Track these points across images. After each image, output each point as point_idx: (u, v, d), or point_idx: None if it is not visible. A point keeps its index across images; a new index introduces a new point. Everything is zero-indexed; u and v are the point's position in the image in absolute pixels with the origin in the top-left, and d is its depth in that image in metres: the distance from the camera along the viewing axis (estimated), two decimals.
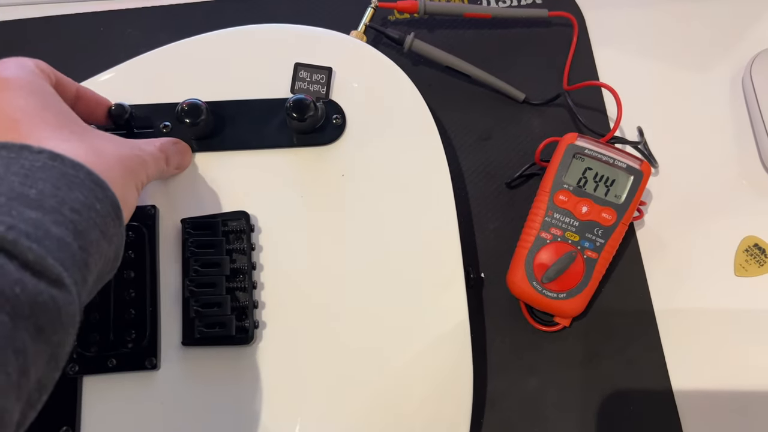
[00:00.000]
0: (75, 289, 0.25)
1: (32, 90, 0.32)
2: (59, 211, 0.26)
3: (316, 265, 0.40)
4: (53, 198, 0.26)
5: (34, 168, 0.26)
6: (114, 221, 0.29)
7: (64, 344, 0.25)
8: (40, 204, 0.25)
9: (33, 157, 0.27)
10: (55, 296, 0.24)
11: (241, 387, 0.38)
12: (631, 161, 0.45)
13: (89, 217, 0.27)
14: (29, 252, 0.23)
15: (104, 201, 0.29)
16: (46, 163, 0.27)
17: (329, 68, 0.42)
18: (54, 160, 0.27)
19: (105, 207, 0.28)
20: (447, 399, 0.39)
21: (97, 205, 0.28)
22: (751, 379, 0.45)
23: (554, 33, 0.55)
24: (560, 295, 0.43)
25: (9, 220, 0.24)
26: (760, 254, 0.48)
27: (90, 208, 0.27)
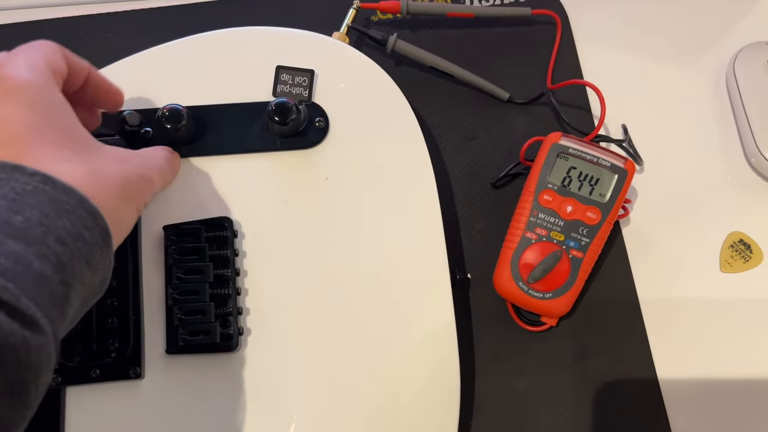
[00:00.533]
0: (50, 328, 0.25)
1: (38, 101, 0.30)
2: (44, 242, 0.25)
3: (300, 269, 0.40)
4: (39, 227, 0.25)
5: (25, 192, 0.26)
6: (102, 249, 0.28)
7: (33, 383, 0.24)
8: (24, 234, 0.25)
9: (25, 180, 0.26)
10: (27, 338, 0.23)
11: (227, 395, 0.38)
12: (615, 160, 0.44)
13: (75, 248, 0.26)
14: (4, 291, 0.23)
15: (93, 230, 0.28)
16: (37, 186, 0.26)
17: (311, 71, 0.42)
18: (46, 184, 0.27)
19: (94, 236, 0.28)
20: (434, 402, 0.39)
21: (85, 234, 0.27)
22: (737, 372, 0.46)
23: (538, 31, 0.55)
24: (546, 295, 0.43)
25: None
26: (745, 250, 0.48)
27: (77, 238, 0.27)
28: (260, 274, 0.40)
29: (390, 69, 0.50)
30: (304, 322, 0.39)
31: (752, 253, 0.48)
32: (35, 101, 0.30)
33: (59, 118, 0.31)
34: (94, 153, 0.31)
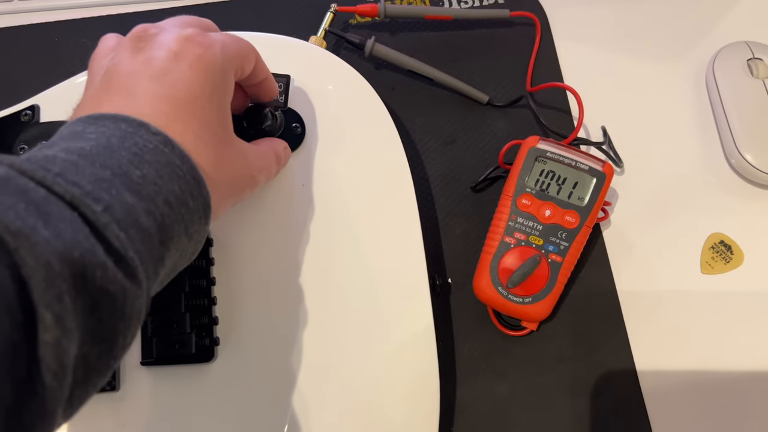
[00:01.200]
0: (146, 284, 0.26)
1: (214, 80, 0.31)
2: (153, 201, 0.26)
3: (276, 277, 0.40)
4: (153, 185, 0.27)
5: (146, 149, 0.27)
6: (200, 220, 0.29)
7: (122, 334, 0.25)
8: (139, 189, 0.26)
9: (148, 137, 0.27)
10: (127, 288, 0.24)
11: (205, 405, 0.38)
12: (594, 163, 0.44)
13: (178, 212, 0.28)
14: (116, 240, 0.24)
15: (198, 199, 0.29)
16: (157, 146, 0.28)
17: (287, 76, 0.41)
18: (166, 146, 0.28)
19: (197, 205, 0.29)
20: (415, 407, 0.39)
21: (189, 202, 0.28)
22: (719, 374, 0.46)
23: (517, 33, 0.54)
24: (526, 300, 0.43)
25: (107, 198, 0.25)
26: (726, 251, 0.48)
27: (182, 204, 0.28)
28: (236, 282, 0.39)
29: (368, 73, 0.50)
30: (282, 330, 0.39)
31: (733, 255, 0.48)
32: (211, 79, 0.31)
33: (220, 101, 0.32)
34: (226, 145, 0.32)
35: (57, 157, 0.25)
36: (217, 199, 0.31)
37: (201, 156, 0.30)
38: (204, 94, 0.31)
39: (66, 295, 0.22)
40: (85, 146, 0.26)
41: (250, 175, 0.35)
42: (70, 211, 0.24)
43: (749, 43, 0.52)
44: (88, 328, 0.23)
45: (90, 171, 0.25)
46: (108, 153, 0.26)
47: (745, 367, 0.46)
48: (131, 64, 0.30)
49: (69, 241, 0.23)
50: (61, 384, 0.22)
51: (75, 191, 0.24)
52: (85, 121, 0.28)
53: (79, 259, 0.23)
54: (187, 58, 0.31)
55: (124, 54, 0.31)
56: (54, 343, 0.21)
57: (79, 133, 0.27)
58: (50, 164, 0.25)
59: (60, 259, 0.22)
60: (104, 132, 0.27)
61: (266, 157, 0.37)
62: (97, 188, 0.25)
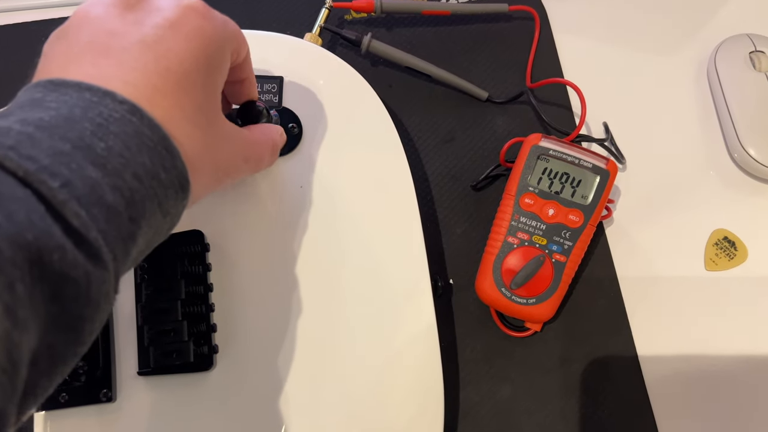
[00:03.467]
0: (113, 265, 0.24)
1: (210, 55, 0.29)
2: (121, 175, 0.24)
3: (275, 282, 0.39)
4: (119, 158, 0.24)
5: (112, 119, 0.25)
6: (177, 194, 0.27)
7: (89, 320, 0.23)
8: (104, 163, 0.24)
9: (114, 106, 0.25)
10: (90, 272, 0.23)
11: (204, 415, 0.37)
12: (597, 161, 0.43)
13: (150, 187, 0.25)
14: (76, 219, 0.22)
15: (171, 171, 0.27)
16: (124, 116, 0.25)
17: (280, 77, 0.41)
18: (133, 115, 0.26)
19: (170, 178, 0.26)
20: (419, 410, 0.38)
21: (161, 175, 0.26)
22: (728, 374, 0.45)
23: (516, 28, 0.53)
24: (530, 301, 0.42)
25: (66, 173, 0.22)
26: (729, 247, 0.48)
27: (153, 177, 0.26)
28: (234, 288, 0.39)
29: (365, 70, 0.49)
30: (282, 336, 0.38)
31: (737, 251, 0.48)
32: (209, 55, 0.29)
33: (214, 81, 0.30)
34: (214, 127, 0.30)
35: (11, 129, 0.23)
36: (199, 180, 0.29)
37: (186, 135, 0.28)
38: (198, 69, 0.28)
39: (19, 283, 0.20)
40: (43, 116, 0.24)
41: (237, 162, 0.33)
42: (23, 189, 0.22)
43: (751, 35, 0.52)
44: (50, 316, 0.22)
45: (48, 144, 0.23)
46: (69, 124, 0.24)
47: (753, 366, 0.45)
48: (119, 23, 0.28)
49: (21, 223, 0.21)
50: (12, 380, 0.20)
51: (29, 166, 0.22)
52: (45, 87, 0.25)
53: (34, 242, 0.21)
54: (185, 29, 0.28)
55: (111, 9, 0.28)
56: (3, 336, 0.20)
57: (38, 101, 0.25)
58: (3, 137, 0.23)
59: (11, 243, 0.20)
60: (66, 101, 0.25)
61: (258, 145, 0.35)
62: (55, 162, 0.22)
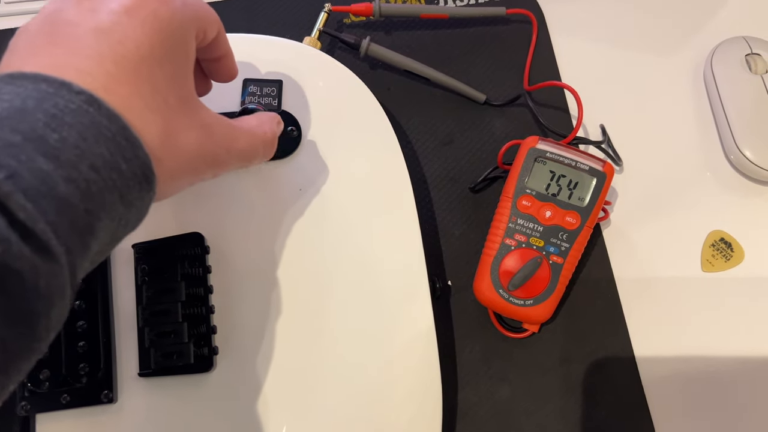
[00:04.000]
0: (65, 258, 0.23)
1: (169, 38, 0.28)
2: (76, 167, 0.24)
3: (276, 283, 0.39)
4: (74, 150, 0.24)
5: (67, 110, 0.24)
6: (141, 185, 0.26)
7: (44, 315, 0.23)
8: (57, 154, 0.23)
9: (69, 97, 0.25)
10: (37, 265, 0.22)
11: (204, 416, 0.37)
12: (594, 163, 0.44)
13: (109, 178, 0.25)
14: (21, 211, 0.21)
15: (132, 162, 0.26)
16: (81, 106, 0.25)
17: (279, 81, 0.41)
18: (90, 105, 0.25)
19: (132, 168, 0.26)
20: (417, 411, 0.39)
21: (122, 166, 0.25)
22: (725, 375, 0.45)
23: (513, 31, 0.54)
24: (527, 302, 0.43)
25: (14, 165, 0.22)
26: (726, 248, 0.48)
27: (112, 168, 0.25)
28: (234, 290, 0.39)
29: (364, 73, 0.50)
30: (281, 337, 0.38)
31: (733, 252, 0.48)
32: (166, 38, 0.28)
33: (175, 65, 0.29)
34: (181, 115, 0.29)
35: None
36: (166, 171, 0.28)
37: (147, 124, 0.27)
38: (154, 55, 0.28)
39: None
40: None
41: (218, 152, 0.31)
42: None
43: (747, 38, 0.52)
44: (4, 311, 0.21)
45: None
46: (21, 116, 0.23)
47: (749, 366, 0.45)
48: (74, 12, 0.27)
49: None
50: None
51: None
52: (2, 80, 0.25)
53: None
54: (141, 14, 0.28)
55: (69, 1, 0.28)
56: None
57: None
58: None
59: None
60: (20, 93, 0.24)
61: (247, 136, 0.34)
62: (2, 154, 0.22)
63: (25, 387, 0.36)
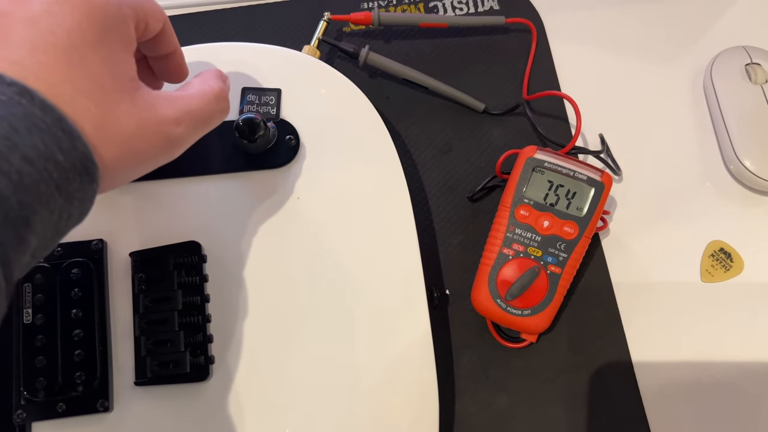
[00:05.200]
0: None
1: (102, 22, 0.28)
2: (6, 158, 0.23)
3: (273, 292, 0.39)
4: (5, 141, 0.23)
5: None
6: (81, 177, 0.26)
7: None
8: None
9: (1, 89, 0.24)
10: None
11: (200, 425, 0.37)
12: (592, 173, 0.44)
13: (44, 170, 0.24)
14: None
15: (70, 153, 0.25)
16: (12, 98, 0.24)
17: (278, 90, 0.41)
18: (23, 96, 0.24)
19: (70, 160, 0.25)
20: (414, 421, 0.38)
21: (59, 157, 0.25)
22: (724, 387, 0.45)
23: (513, 40, 0.54)
24: (525, 312, 0.43)
25: None
26: (725, 259, 0.48)
27: (47, 159, 0.24)
28: (231, 299, 0.39)
29: (363, 82, 0.50)
30: (278, 346, 0.38)
31: (733, 262, 0.48)
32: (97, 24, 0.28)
33: (110, 50, 0.29)
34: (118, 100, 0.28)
35: None
36: (109, 160, 0.27)
37: (81, 110, 0.26)
38: (86, 41, 0.27)
39: None
40: None
41: (169, 128, 0.30)
42: None
43: (747, 47, 0.52)
44: None
45: None
46: None
47: (748, 376, 0.45)
48: (8, 3, 0.27)
49: None
50: None
51: None
52: None
53: None
54: (72, 1, 0.27)
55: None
56: None
57: None
58: None
59: None
60: None
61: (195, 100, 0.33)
62: None
63: (21, 395, 0.36)
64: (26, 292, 0.37)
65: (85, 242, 0.38)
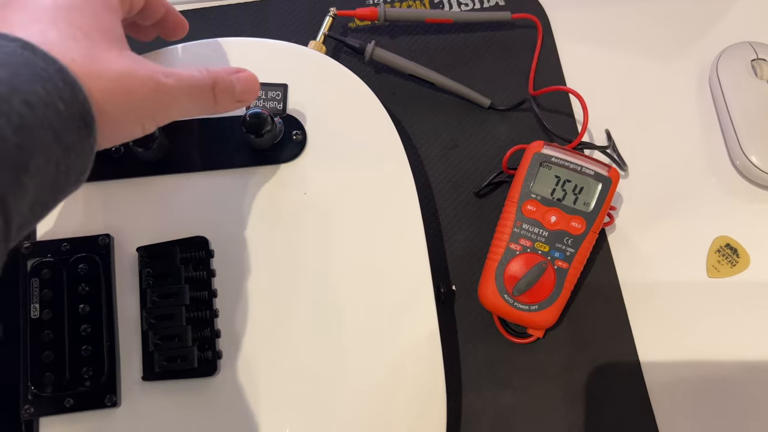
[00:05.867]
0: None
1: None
2: (6, 100, 0.23)
3: (280, 288, 0.39)
4: (5, 85, 0.23)
5: (1, 52, 0.24)
6: (80, 129, 0.26)
7: None
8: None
9: (3, 43, 0.25)
10: None
11: (208, 420, 0.37)
12: (599, 168, 0.44)
13: (44, 116, 0.24)
14: None
15: (71, 104, 0.25)
16: (15, 50, 0.25)
17: (284, 84, 0.41)
18: (25, 49, 0.25)
19: (70, 110, 0.25)
20: (421, 417, 0.38)
21: (59, 105, 0.25)
22: (732, 384, 0.45)
23: (519, 35, 0.54)
24: (532, 308, 0.43)
25: None
26: (732, 254, 0.48)
27: (48, 106, 0.24)
28: (239, 293, 0.39)
29: (369, 77, 0.50)
30: (285, 341, 0.38)
31: (739, 258, 0.48)
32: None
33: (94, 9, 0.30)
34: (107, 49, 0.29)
35: None
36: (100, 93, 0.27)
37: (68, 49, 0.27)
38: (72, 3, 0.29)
39: None
40: None
41: (150, 75, 0.30)
42: None
43: (753, 43, 0.52)
44: None
45: None
46: None
47: (756, 373, 0.45)
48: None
49: None
50: None
51: None
52: None
53: None
54: None
55: None
56: None
57: None
58: None
59: None
60: None
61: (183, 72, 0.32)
62: None
63: (29, 390, 0.36)
64: (33, 287, 0.37)
65: (92, 237, 0.38)
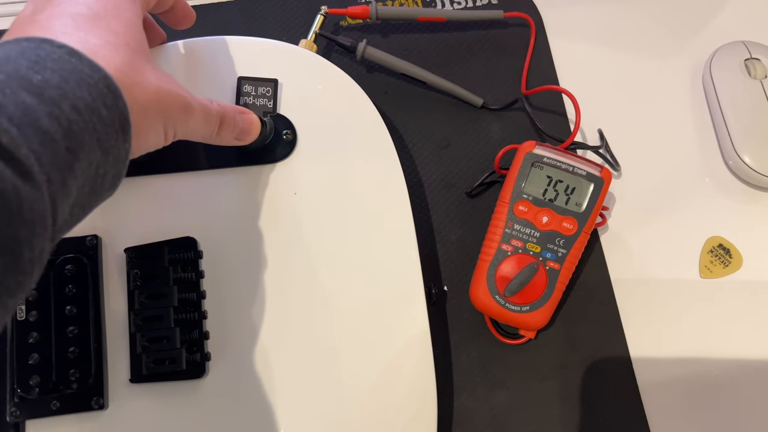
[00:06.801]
0: (46, 187, 0.23)
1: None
2: (57, 105, 0.24)
3: (268, 289, 0.39)
4: (56, 90, 0.25)
5: (49, 58, 0.25)
6: (117, 134, 0.27)
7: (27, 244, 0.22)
8: (40, 92, 0.24)
9: (51, 49, 0.26)
10: (19, 187, 0.22)
11: (196, 423, 0.37)
12: (591, 168, 0.43)
13: (89, 120, 0.25)
14: (4, 135, 0.22)
15: (113, 109, 0.27)
16: (62, 56, 0.26)
17: (274, 80, 0.40)
18: (72, 56, 0.26)
19: (111, 115, 0.27)
20: (412, 419, 0.38)
21: (102, 111, 0.26)
22: (724, 383, 0.45)
23: (511, 34, 0.53)
24: (524, 308, 0.42)
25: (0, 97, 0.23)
26: (724, 254, 0.48)
27: (93, 112, 0.26)
28: (227, 295, 0.38)
29: (360, 76, 0.50)
30: (275, 343, 0.38)
31: (732, 258, 0.48)
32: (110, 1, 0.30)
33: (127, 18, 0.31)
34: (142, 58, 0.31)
35: None
36: (138, 113, 0.29)
37: (111, 61, 0.28)
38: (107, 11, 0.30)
39: None
40: None
41: (177, 94, 0.32)
42: None
43: (746, 42, 0.52)
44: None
45: None
46: (4, 62, 0.24)
47: (747, 372, 0.45)
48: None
49: None
50: None
51: None
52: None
53: None
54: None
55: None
56: None
57: None
58: None
59: None
60: (2, 48, 0.25)
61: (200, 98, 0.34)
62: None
63: (15, 393, 0.35)
64: None
65: (80, 238, 0.38)
